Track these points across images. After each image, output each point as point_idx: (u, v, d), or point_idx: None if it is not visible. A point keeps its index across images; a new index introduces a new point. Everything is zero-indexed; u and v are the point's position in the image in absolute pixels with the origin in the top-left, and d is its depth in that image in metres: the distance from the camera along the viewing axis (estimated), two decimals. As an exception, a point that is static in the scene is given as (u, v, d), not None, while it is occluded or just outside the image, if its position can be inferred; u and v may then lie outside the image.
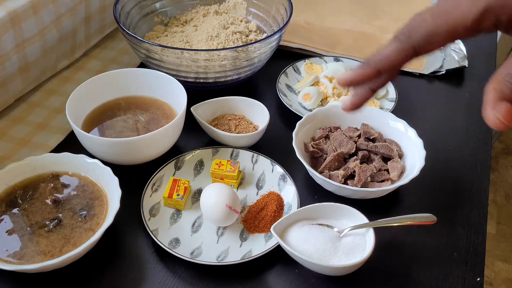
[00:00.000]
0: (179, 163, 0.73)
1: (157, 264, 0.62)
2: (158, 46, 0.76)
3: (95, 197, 0.66)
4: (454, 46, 1.00)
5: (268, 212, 0.66)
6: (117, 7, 0.85)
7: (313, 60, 0.94)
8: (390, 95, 0.87)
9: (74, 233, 0.62)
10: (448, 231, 0.67)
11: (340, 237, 0.62)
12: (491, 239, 1.78)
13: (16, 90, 0.82)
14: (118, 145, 0.68)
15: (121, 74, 0.80)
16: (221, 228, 0.66)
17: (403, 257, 0.64)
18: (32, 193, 0.66)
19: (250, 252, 0.62)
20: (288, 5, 0.88)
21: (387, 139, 0.75)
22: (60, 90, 0.88)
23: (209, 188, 0.65)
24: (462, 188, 0.73)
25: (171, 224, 0.66)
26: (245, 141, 0.76)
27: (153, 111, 0.79)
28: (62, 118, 0.81)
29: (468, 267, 0.63)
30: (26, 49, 0.79)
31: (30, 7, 0.76)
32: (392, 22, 1.09)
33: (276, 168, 0.72)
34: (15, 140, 0.77)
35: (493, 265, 1.70)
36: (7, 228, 0.62)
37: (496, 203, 1.93)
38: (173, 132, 0.72)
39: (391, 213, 0.68)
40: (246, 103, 0.80)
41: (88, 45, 0.96)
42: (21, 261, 0.58)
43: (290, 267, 0.62)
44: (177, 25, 0.96)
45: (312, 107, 0.85)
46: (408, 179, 0.66)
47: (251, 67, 0.83)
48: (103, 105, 0.79)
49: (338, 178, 0.68)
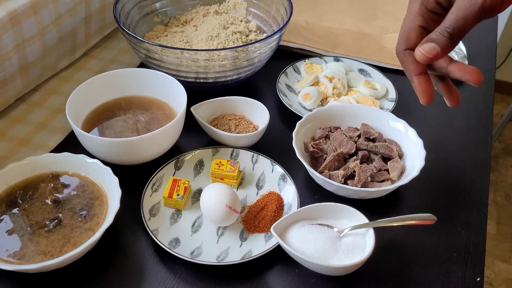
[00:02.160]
0: (179, 163, 0.73)
1: (157, 264, 0.62)
2: (158, 46, 0.76)
3: (95, 197, 0.66)
4: (454, 46, 1.00)
5: (268, 212, 0.66)
6: (117, 7, 0.85)
7: (313, 60, 0.94)
8: (390, 95, 0.87)
9: (74, 233, 0.62)
10: (448, 231, 0.67)
11: (340, 237, 0.62)
12: (491, 239, 1.78)
13: (16, 90, 0.82)
14: (118, 145, 0.68)
15: (121, 74, 0.80)
16: (221, 228, 0.66)
17: (403, 257, 0.64)
18: (32, 193, 0.66)
19: (250, 252, 0.62)
20: (288, 5, 0.88)
21: (387, 139, 0.75)
22: (60, 90, 0.88)
23: (209, 188, 0.65)
24: (462, 188, 0.73)
25: (171, 224, 0.66)
26: (245, 141, 0.76)
27: (153, 111, 0.79)
28: (62, 118, 0.81)
29: (468, 267, 0.63)
30: (26, 49, 0.79)
31: (30, 7, 0.76)
32: (392, 22, 1.09)
33: (276, 168, 0.72)
34: (15, 140, 0.77)
35: (493, 265, 1.70)
36: (7, 228, 0.62)
37: (496, 203, 1.93)
38: (173, 132, 0.72)
39: (391, 213, 0.68)
40: (246, 103, 0.81)
41: (88, 45, 0.96)
42: (21, 261, 0.58)
43: (290, 267, 0.62)
44: (177, 25, 0.96)
45: (312, 107, 0.85)
46: (408, 179, 0.66)
47: (251, 67, 0.84)
48: (103, 105, 0.79)
49: (338, 178, 0.68)
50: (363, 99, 0.84)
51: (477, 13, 0.44)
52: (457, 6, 0.45)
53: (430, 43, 0.46)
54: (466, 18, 0.45)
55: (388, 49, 1.01)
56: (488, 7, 0.44)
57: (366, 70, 0.93)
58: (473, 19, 0.45)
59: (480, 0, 0.44)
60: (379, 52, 1.01)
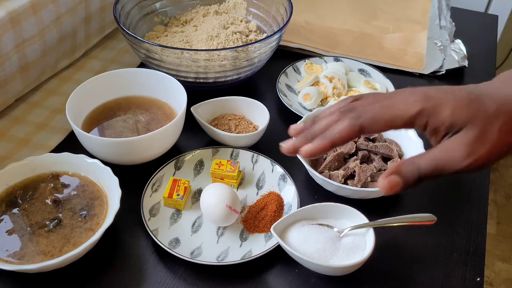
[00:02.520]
0: (179, 163, 0.73)
1: (157, 264, 0.62)
2: (158, 46, 0.76)
3: (95, 197, 0.66)
4: (454, 46, 1.01)
5: (268, 212, 0.66)
6: (117, 7, 0.85)
7: (313, 60, 0.94)
8: (390, 95, 0.87)
9: (74, 233, 0.62)
10: (448, 231, 0.67)
11: (340, 237, 0.62)
12: (491, 239, 1.78)
13: (16, 90, 0.82)
14: (118, 145, 0.68)
15: (121, 74, 0.80)
16: (221, 228, 0.66)
17: (403, 257, 0.64)
18: (32, 193, 0.66)
19: (250, 252, 0.62)
20: (288, 5, 0.88)
21: (387, 139, 0.75)
22: (60, 90, 0.88)
23: (209, 188, 0.65)
24: (462, 188, 0.73)
25: (171, 224, 0.66)
26: (245, 141, 0.76)
27: (153, 111, 0.79)
28: (62, 118, 0.81)
29: (468, 267, 0.63)
30: (26, 49, 0.79)
31: (30, 7, 0.76)
32: (392, 22, 1.09)
33: (276, 168, 0.72)
34: (15, 140, 0.77)
35: (493, 265, 1.70)
36: (7, 228, 0.62)
37: (496, 203, 1.93)
38: (173, 132, 0.72)
39: (391, 213, 0.68)
40: (246, 103, 0.80)
41: (88, 45, 0.96)
42: (21, 261, 0.58)
43: (290, 267, 0.62)
44: (177, 25, 0.96)
45: (312, 107, 0.85)
46: (408, 179, 0.66)
47: (251, 67, 0.83)
48: (103, 105, 0.79)
49: (338, 178, 0.68)
50: (363, 99, 0.84)
51: (456, 171, 0.42)
52: (441, 155, 0.42)
53: (397, 179, 0.42)
54: (444, 170, 0.42)
55: (388, 49, 1.01)
56: (470, 170, 0.42)
57: (366, 70, 0.93)
58: (450, 174, 0.42)
59: (465, 163, 0.41)
60: (379, 52, 1.01)
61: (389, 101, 0.44)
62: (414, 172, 0.42)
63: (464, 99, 0.41)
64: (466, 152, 0.41)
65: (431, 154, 0.42)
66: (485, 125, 0.41)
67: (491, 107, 0.41)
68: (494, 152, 0.41)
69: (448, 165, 0.42)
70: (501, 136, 0.41)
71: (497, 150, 0.41)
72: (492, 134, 0.41)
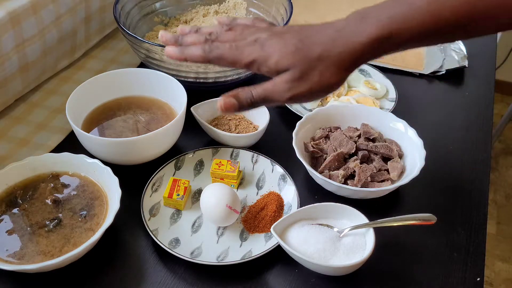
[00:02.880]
0: (179, 163, 0.73)
1: (157, 264, 0.62)
2: (158, 46, 0.76)
3: (95, 197, 0.66)
4: (454, 46, 1.01)
5: (268, 212, 0.66)
6: (117, 7, 0.85)
7: (313, 60, 0.94)
8: (390, 95, 0.87)
9: (74, 233, 0.62)
10: (448, 231, 0.67)
11: (340, 237, 0.62)
12: (491, 239, 1.78)
13: (16, 90, 0.82)
14: (118, 145, 0.68)
15: (121, 74, 0.80)
16: (221, 228, 0.66)
17: (403, 257, 0.64)
18: (32, 193, 0.66)
19: (250, 252, 0.62)
20: (288, 5, 0.88)
21: (387, 139, 0.75)
22: (60, 90, 0.88)
23: (209, 188, 0.65)
24: (462, 188, 0.73)
25: (171, 224, 0.66)
26: (245, 141, 0.76)
27: (153, 111, 0.79)
28: (62, 118, 0.81)
29: (468, 267, 0.63)
30: (26, 49, 0.79)
31: (30, 7, 0.76)
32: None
33: (276, 168, 0.72)
34: (15, 140, 0.77)
35: (493, 265, 1.70)
36: (7, 228, 0.62)
37: (496, 203, 1.93)
38: (173, 132, 0.72)
39: (391, 213, 0.68)
40: (246, 103, 0.80)
41: (88, 45, 0.96)
42: (21, 261, 0.58)
43: (290, 267, 0.62)
44: (177, 25, 0.96)
45: (312, 107, 0.85)
46: (408, 179, 0.66)
47: (251, 67, 0.83)
48: (103, 105, 0.79)
49: (338, 178, 0.68)
50: (363, 99, 0.84)
51: (281, 102, 0.52)
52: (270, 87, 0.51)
53: (233, 101, 0.52)
54: (271, 99, 0.52)
55: (388, 49, 1.01)
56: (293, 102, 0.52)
57: (366, 70, 0.93)
58: (277, 103, 0.52)
59: (286, 96, 0.51)
60: (379, 52, 1.00)
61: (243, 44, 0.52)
62: (248, 98, 0.52)
63: (291, 47, 0.50)
64: (287, 88, 0.50)
65: (264, 85, 0.51)
66: (307, 68, 0.49)
67: (315, 53, 0.49)
68: (314, 89, 0.50)
69: (274, 96, 0.51)
70: (321, 78, 0.50)
71: (317, 88, 0.50)
72: (313, 76, 0.50)
